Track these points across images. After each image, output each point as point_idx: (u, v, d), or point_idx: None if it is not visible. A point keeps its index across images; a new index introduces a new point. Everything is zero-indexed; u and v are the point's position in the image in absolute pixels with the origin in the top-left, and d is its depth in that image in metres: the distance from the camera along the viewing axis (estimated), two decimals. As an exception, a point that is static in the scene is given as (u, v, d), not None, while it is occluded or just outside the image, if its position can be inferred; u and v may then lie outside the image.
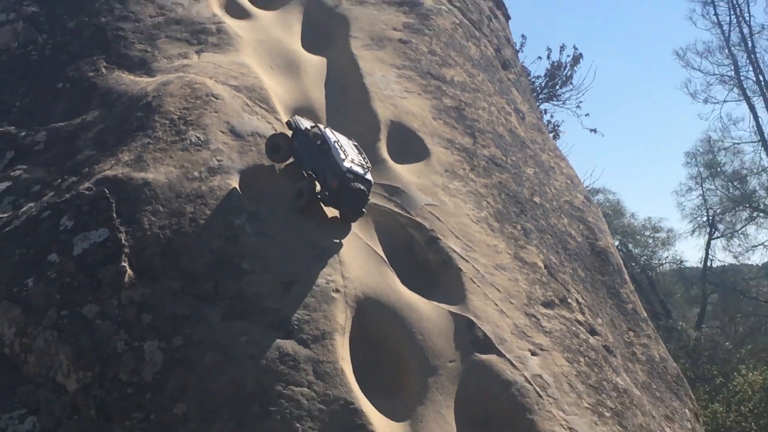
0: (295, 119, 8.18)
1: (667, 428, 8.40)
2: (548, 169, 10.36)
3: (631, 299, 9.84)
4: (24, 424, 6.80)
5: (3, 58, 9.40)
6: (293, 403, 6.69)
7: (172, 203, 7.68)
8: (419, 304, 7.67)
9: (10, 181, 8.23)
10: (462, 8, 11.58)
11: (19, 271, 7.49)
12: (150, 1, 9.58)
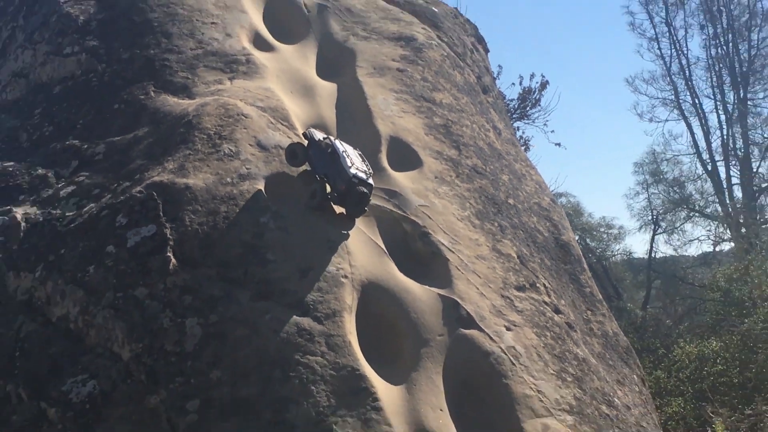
0: (310, 131, 8.33)
1: (618, 391, 8.60)
2: (520, 176, 10.50)
3: (589, 284, 9.99)
4: (86, 387, 7.02)
5: (69, 83, 9.52)
6: (309, 369, 6.93)
7: (209, 204, 7.91)
8: (413, 287, 7.87)
9: (74, 186, 8.42)
10: (449, 43, 11.68)
11: (82, 260, 7.73)
12: (191, 36, 9.70)
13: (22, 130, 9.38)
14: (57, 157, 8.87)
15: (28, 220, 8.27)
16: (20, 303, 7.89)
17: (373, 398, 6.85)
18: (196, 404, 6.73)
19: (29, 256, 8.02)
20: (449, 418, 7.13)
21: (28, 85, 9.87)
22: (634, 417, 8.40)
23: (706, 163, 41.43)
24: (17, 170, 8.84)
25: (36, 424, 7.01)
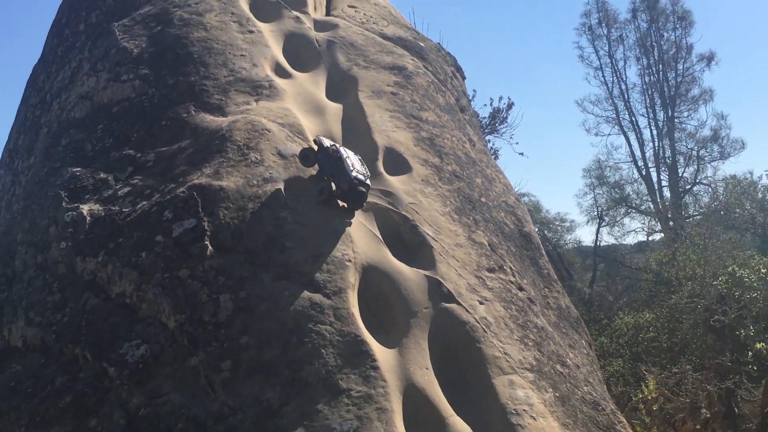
0: (320, 138, 8.34)
1: (570, 353, 8.62)
2: (491, 179, 10.51)
3: (546, 267, 10.00)
4: (139, 350, 7.05)
5: (125, 104, 9.51)
6: (320, 336, 6.94)
7: (239, 202, 7.91)
8: (404, 269, 7.88)
9: (130, 187, 8.41)
10: (433, 71, 11.67)
11: (136, 247, 7.73)
12: (224, 66, 9.68)
13: (87, 142, 9.38)
14: (115, 164, 8.88)
15: (92, 215, 8.27)
16: (86, 282, 7.91)
17: (371, 359, 6.86)
18: (228, 364, 6.75)
19: (93, 244, 8.03)
20: (433, 375, 7.13)
21: (92, 106, 9.87)
22: (582, 374, 8.42)
23: (641, 169, 41.60)
24: (83, 174, 8.85)
25: (99, 380, 7.02)
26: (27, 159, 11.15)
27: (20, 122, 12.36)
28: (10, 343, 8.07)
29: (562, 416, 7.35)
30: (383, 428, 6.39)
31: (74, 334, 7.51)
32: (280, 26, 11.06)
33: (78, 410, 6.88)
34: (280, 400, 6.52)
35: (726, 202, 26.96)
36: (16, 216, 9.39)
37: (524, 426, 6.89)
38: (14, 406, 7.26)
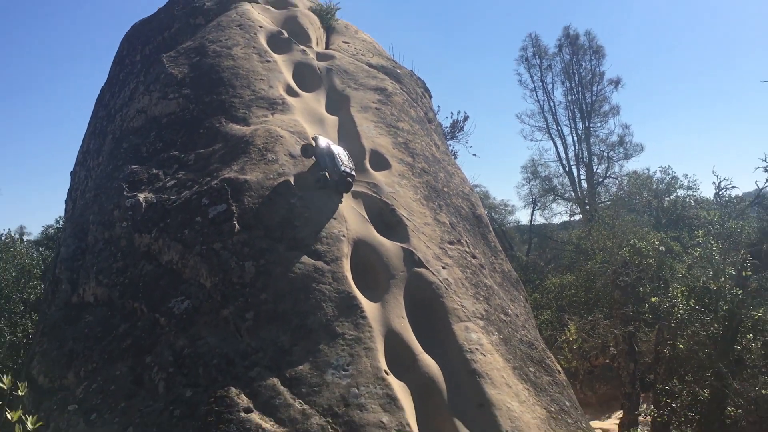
0: (317, 136, 8.39)
1: (511, 305, 8.65)
2: (451, 174, 10.50)
3: (493, 240, 10.00)
4: (183, 304, 7.05)
5: (172, 117, 9.48)
6: (321, 293, 6.93)
7: (259, 191, 7.88)
8: (385, 242, 7.87)
9: (175, 180, 8.36)
10: (407, 91, 11.65)
11: (181, 226, 7.71)
12: (247, 87, 9.63)
13: (143, 146, 9.35)
14: (164, 163, 8.84)
15: (147, 201, 8.24)
16: (142, 253, 7.89)
17: (360, 311, 6.86)
18: (251, 315, 6.74)
19: (147, 224, 8.00)
20: (407, 323, 7.13)
21: (146, 118, 9.83)
22: (520, 321, 8.45)
23: (565, 166, 41.62)
24: (140, 170, 8.82)
25: (152, 327, 7.03)
26: (96, 159, 11.12)
27: (91, 130, 12.32)
28: (84, 299, 8.07)
29: (505, 353, 7.38)
30: (369, 363, 6.41)
31: (133, 292, 7.52)
32: (291, 57, 11.03)
33: (137, 350, 6.89)
34: (291, 342, 6.53)
35: (629, 191, 27.00)
36: (89, 202, 9.36)
37: (476, 360, 6.92)
38: (88, 347, 7.26)
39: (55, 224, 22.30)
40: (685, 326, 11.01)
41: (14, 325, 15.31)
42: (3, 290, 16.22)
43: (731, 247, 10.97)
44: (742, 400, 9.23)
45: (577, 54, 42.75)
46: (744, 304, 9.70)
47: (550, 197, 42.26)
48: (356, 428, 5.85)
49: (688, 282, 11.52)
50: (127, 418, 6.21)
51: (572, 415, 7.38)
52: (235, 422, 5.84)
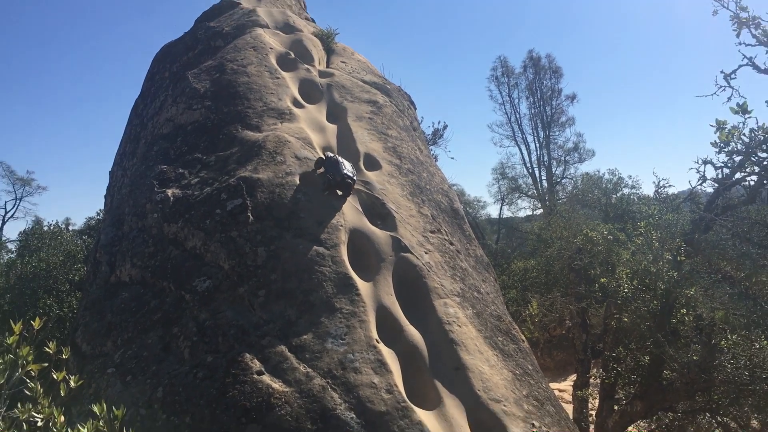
0: (326, 152, 8.37)
1: (483, 285, 8.65)
2: (432, 173, 10.49)
3: (468, 230, 9.98)
4: (205, 283, 6.98)
5: (195, 125, 9.41)
6: (322, 274, 6.91)
7: (269, 188, 7.84)
8: (376, 231, 7.84)
9: (198, 178, 8.29)
10: (396, 103, 11.61)
11: (203, 217, 7.66)
12: (260, 100, 9.58)
13: (171, 149, 9.29)
14: (189, 163, 8.78)
15: (174, 196, 8.19)
16: (170, 240, 7.84)
17: (356, 289, 6.84)
18: (263, 292, 6.72)
19: (175, 214, 7.95)
20: (395, 299, 7.12)
21: (174, 125, 9.77)
22: (491, 298, 8.46)
23: (529, 168, 41.75)
24: (168, 170, 8.76)
25: (179, 303, 6.99)
26: (131, 160, 11.06)
27: (126, 136, 12.25)
28: (120, 279, 8.02)
29: (477, 325, 7.39)
30: (363, 333, 6.40)
31: (162, 273, 7.47)
32: (297, 74, 10.98)
33: (165, 322, 6.86)
34: (297, 315, 6.51)
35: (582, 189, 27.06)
36: (124, 197, 9.30)
37: (453, 331, 6.92)
38: (123, 319, 7.22)
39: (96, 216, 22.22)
40: (629, 303, 11.06)
41: (61, 302, 15.26)
42: (51, 272, 16.18)
43: (668, 236, 11.01)
44: (677, 365, 9.28)
45: (539, 73, 42.92)
46: (678, 284, 9.74)
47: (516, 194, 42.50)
48: (352, 388, 5.86)
49: (631, 266, 11.56)
50: (158, 380, 6.20)
51: (534, 377, 7.40)
52: (249, 383, 5.83)
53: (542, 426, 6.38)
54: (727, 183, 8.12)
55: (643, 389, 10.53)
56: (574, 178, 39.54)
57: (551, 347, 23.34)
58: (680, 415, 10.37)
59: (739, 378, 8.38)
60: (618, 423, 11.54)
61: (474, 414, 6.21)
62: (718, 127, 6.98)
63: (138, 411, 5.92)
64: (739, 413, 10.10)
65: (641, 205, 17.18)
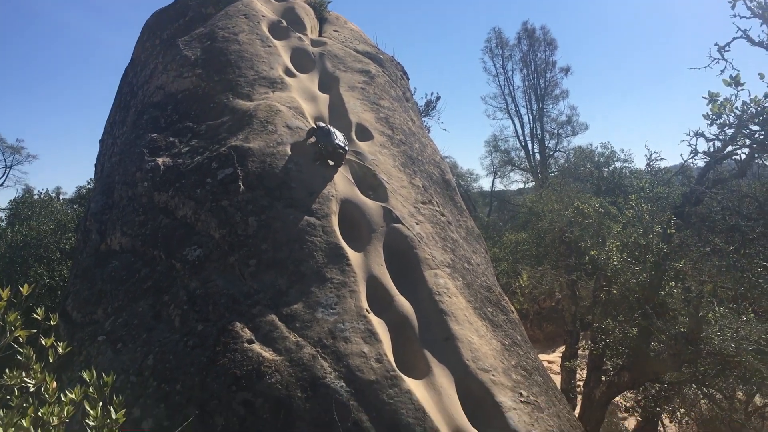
0: (317, 122, 8.30)
1: (473, 256, 8.67)
2: (425, 144, 10.45)
3: (460, 201, 9.96)
4: (195, 252, 6.98)
5: (186, 93, 9.30)
6: (313, 243, 6.91)
7: (260, 157, 7.79)
8: (368, 201, 7.82)
9: (189, 147, 8.22)
10: (388, 74, 11.50)
11: (194, 186, 7.61)
12: (251, 68, 9.46)
13: (161, 117, 9.20)
14: (180, 132, 8.71)
15: (165, 165, 8.14)
16: (160, 208, 7.81)
17: (346, 259, 6.85)
18: (254, 261, 6.72)
19: (165, 183, 7.91)
20: (386, 269, 7.13)
21: (164, 93, 9.67)
22: (481, 270, 8.49)
23: (522, 141, 41.69)
24: (159, 138, 8.69)
25: (169, 271, 6.99)
26: (121, 128, 10.96)
27: (117, 104, 12.12)
28: (111, 247, 8.01)
29: (467, 295, 7.42)
30: (353, 303, 6.43)
31: (153, 242, 7.45)
32: (289, 43, 10.85)
33: (156, 290, 6.86)
34: (287, 284, 6.53)
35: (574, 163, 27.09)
36: (115, 165, 9.24)
37: (443, 302, 6.95)
38: (114, 288, 7.22)
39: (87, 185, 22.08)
40: (618, 275, 11.12)
41: (52, 270, 15.24)
42: (42, 240, 16.12)
43: (659, 209, 11.06)
44: (664, 337, 9.36)
45: (534, 45, 42.64)
46: (668, 256, 9.80)
47: (509, 167, 42.51)
48: (341, 357, 5.89)
49: (622, 238, 11.62)
50: (148, 348, 6.21)
51: (523, 347, 7.46)
52: (240, 351, 5.86)
53: (530, 395, 6.45)
54: (718, 156, 8.13)
55: (631, 360, 10.63)
56: (567, 151, 39.57)
57: (541, 319, 23.56)
58: (666, 386, 10.49)
59: (725, 350, 8.47)
60: (605, 393, 11.68)
61: (463, 383, 6.27)
62: (711, 99, 6.96)
63: (128, 378, 5.95)
64: (725, 384, 10.25)
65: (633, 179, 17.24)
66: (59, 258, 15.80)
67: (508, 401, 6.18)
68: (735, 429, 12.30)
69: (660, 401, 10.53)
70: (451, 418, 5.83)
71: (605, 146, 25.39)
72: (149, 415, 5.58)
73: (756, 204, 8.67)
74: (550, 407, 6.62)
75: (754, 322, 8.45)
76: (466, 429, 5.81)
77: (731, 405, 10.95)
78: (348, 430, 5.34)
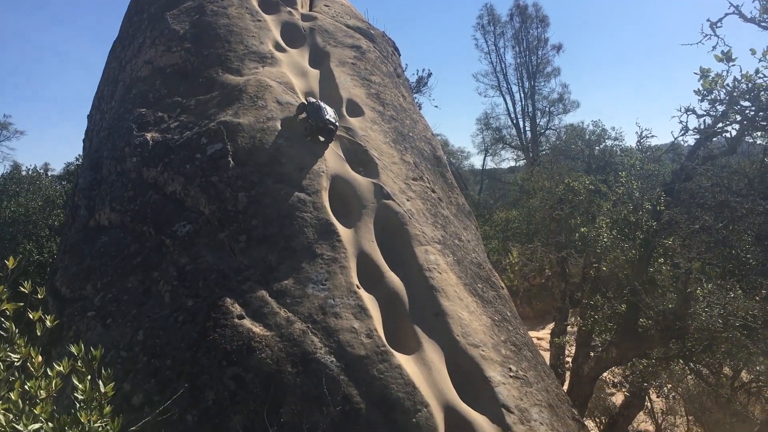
0: (308, 98, 8.23)
1: (464, 233, 8.67)
2: (416, 121, 10.39)
3: (450, 178, 9.93)
4: (185, 228, 6.97)
5: (175, 67, 9.19)
6: (303, 219, 6.90)
7: (250, 133, 7.74)
8: (358, 178, 7.80)
9: (178, 122, 8.15)
10: (379, 49, 11.40)
11: (183, 161, 7.56)
12: (241, 43, 9.37)
13: (149, 92, 9.10)
14: (169, 107, 8.63)
15: (154, 140, 8.07)
16: (149, 184, 7.77)
17: (337, 235, 6.85)
18: (244, 237, 6.72)
19: (154, 159, 7.85)
20: (376, 246, 7.15)
21: (153, 68, 9.55)
22: (471, 246, 8.50)
23: (513, 119, 41.56)
24: (148, 113, 8.60)
25: (159, 247, 6.99)
26: (109, 103, 10.84)
27: (105, 79, 11.99)
28: (100, 223, 7.97)
29: (458, 272, 7.44)
30: (344, 279, 6.44)
31: (142, 217, 7.42)
32: (279, 17, 10.72)
33: (146, 266, 6.85)
34: (278, 260, 6.53)
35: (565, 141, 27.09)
36: (103, 140, 9.15)
37: (434, 278, 6.97)
38: (103, 263, 7.20)
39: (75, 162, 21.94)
40: (608, 252, 11.17)
41: (41, 247, 15.17)
42: (30, 217, 16.03)
43: (649, 186, 11.07)
44: (653, 313, 9.43)
45: (526, 22, 42.31)
46: (657, 233, 9.84)
47: (500, 145, 42.46)
48: (332, 332, 5.91)
49: (612, 215, 11.65)
50: (138, 323, 6.22)
51: (512, 323, 7.50)
52: (230, 326, 5.86)
53: (519, 370, 6.49)
54: (708, 132, 8.13)
55: (619, 336, 10.71)
56: (558, 129, 39.53)
57: (530, 296, 23.67)
58: (654, 362, 10.57)
59: (712, 326, 8.54)
60: (593, 369, 11.78)
61: (452, 358, 6.31)
62: (702, 75, 6.94)
63: (118, 353, 5.95)
64: (712, 360, 10.34)
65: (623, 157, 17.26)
66: (48, 235, 15.71)
67: (497, 376, 6.22)
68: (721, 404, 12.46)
69: (647, 377, 10.62)
70: (440, 392, 5.87)
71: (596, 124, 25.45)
72: (139, 389, 5.60)
73: (746, 180, 8.70)
74: (539, 382, 6.67)
75: (741, 299, 8.52)
76: (456, 403, 5.86)
77: (718, 380, 11.06)
78: (338, 404, 5.37)
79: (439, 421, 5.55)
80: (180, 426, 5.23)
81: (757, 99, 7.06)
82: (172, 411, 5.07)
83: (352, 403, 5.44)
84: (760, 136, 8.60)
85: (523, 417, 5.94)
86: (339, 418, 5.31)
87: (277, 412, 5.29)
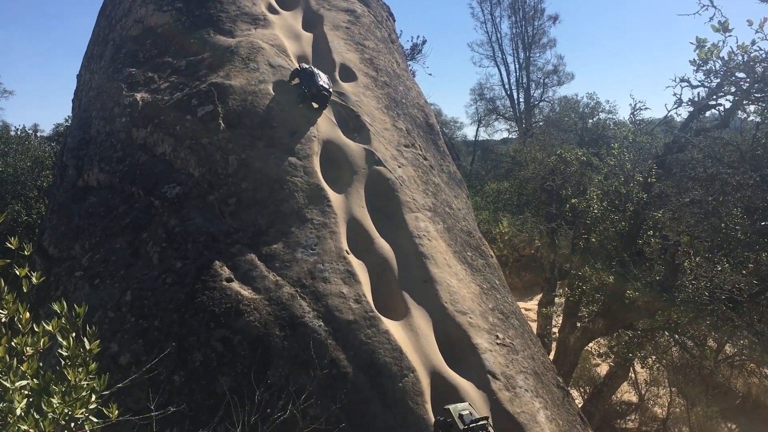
0: (301, 64, 8.12)
1: (455, 201, 8.66)
2: (409, 88, 10.31)
3: (443, 146, 9.91)
4: (175, 189, 6.93)
5: (166, 27, 9.05)
6: (294, 184, 6.87)
7: (242, 95, 7.65)
8: (350, 143, 7.75)
9: (168, 83, 8.04)
10: (374, 14, 11.26)
11: (173, 122, 7.47)
12: (233, 3, 9.23)
13: (140, 51, 8.97)
14: (159, 67, 8.51)
15: (143, 100, 7.96)
16: (139, 145, 7.69)
17: (327, 200, 6.83)
18: (233, 200, 6.69)
19: (144, 119, 7.76)
20: (367, 212, 7.13)
21: (143, 27, 9.40)
22: (462, 214, 8.49)
23: (507, 90, 41.37)
24: (137, 73, 8.48)
25: (148, 209, 6.94)
26: (99, 62, 10.66)
27: (94, 38, 11.78)
28: (88, 183, 7.90)
29: (447, 239, 7.44)
30: (333, 244, 6.43)
31: (131, 178, 7.36)
32: (272, -22, 10.57)
33: (134, 227, 6.82)
34: (267, 224, 6.51)
35: (559, 113, 27.03)
36: (92, 100, 9.03)
37: (423, 245, 6.97)
38: (92, 224, 7.15)
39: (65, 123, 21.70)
40: (598, 223, 11.20)
41: (30, 208, 15.04)
42: (19, 178, 15.86)
43: (640, 158, 11.07)
44: (640, 285, 9.49)
45: (522, -8, 41.88)
46: (647, 206, 9.86)
47: (493, 116, 42.28)
48: (320, 297, 5.92)
49: (602, 187, 11.65)
50: (126, 284, 6.19)
51: (500, 291, 7.54)
52: (218, 289, 5.86)
53: (506, 338, 6.54)
54: (702, 104, 8.10)
55: (606, 307, 10.79)
56: (552, 101, 39.37)
57: (519, 267, 23.76)
58: (639, 333, 10.68)
59: (699, 298, 8.60)
60: (579, 339, 11.90)
61: (440, 325, 6.34)
62: (698, 44, 6.87)
63: (106, 314, 5.93)
64: (697, 332, 10.45)
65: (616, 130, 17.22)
66: (36, 196, 15.57)
67: (484, 343, 6.26)
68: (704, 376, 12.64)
69: (632, 348, 10.73)
70: (427, 358, 5.91)
71: (591, 97, 25.30)
72: (126, 349, 5.60)
73: (738, 153, 8.69)
74: (526, 350, 6.73)
75: (728, 272, 8.57)
76: (442, 369, 5.90)
77: (702, 353, 11.20)
78: (325, 368, 5.39)
79: (425, 386, 5.59)
80: (167, 386, 5.25)
81: (752, 71, 7.02)
82: (159, 371, 5.09)
83: (339, 367, 5.47)
84: (753, 111, 8.56)
85: (509, 383, 5.99)
86: (326, 381, 5.34)
87: (264, 374, 5.32)
